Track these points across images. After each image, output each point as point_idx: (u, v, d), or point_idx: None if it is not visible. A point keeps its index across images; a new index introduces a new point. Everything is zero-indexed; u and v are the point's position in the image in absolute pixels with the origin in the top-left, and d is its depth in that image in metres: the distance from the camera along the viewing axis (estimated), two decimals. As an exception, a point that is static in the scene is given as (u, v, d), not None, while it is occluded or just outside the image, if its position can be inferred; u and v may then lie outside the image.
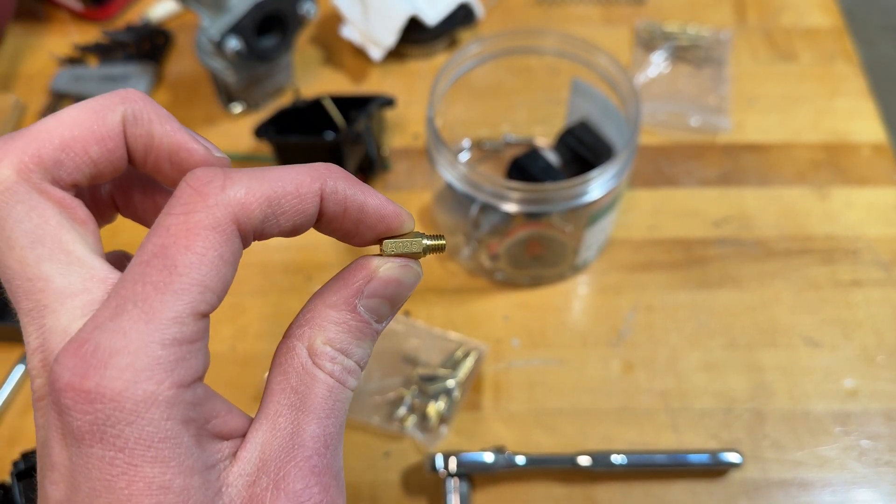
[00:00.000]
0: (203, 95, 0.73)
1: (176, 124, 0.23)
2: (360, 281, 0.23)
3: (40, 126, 0.21)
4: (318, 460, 0.21)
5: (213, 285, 0.19)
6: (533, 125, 0.68)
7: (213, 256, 0.19)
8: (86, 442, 0.18)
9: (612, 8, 0.79)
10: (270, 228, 0.21)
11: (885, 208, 0.63)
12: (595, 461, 0.50)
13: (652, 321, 0.58)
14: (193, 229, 0.19)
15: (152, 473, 0.18)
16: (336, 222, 0.22)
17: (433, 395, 0.53)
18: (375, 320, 0.23)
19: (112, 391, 0.18)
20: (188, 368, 0.19)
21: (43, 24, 0.80)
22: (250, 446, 0.21)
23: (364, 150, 0.63)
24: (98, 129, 0.21)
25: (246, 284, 0.60)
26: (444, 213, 0.60)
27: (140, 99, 0.22)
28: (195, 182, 0.20)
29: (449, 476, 0.49)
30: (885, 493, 0.50)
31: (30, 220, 0.20)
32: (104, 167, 0.22)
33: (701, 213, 0.63)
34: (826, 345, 0.56)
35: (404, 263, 0.24)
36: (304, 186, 0.21)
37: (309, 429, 0.21)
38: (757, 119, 0.70)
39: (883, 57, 1.65)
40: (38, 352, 0.20)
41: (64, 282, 0.20)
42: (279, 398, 0.21)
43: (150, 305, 0.19)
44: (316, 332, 0.22)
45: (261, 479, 0.20)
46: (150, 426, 0.18)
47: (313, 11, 0.67)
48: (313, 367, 0.22)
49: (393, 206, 0.23)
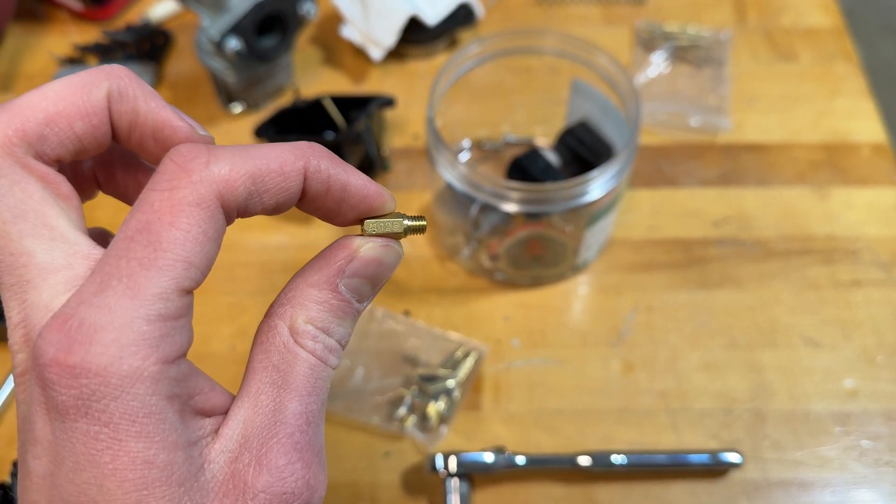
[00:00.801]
0: (203, 95, 0.73)
1: (161, 101, 0.23)
2: (341, 260, 0.23)
3: (24, 100, 0.21)
4: (300, 437, 0.21)
5: (197, 262, 0.19)
6: (533, 125, 0.68)
7: (198, 233, 0.19)
8: (70, 416, 0.18)
9: (612, 8, 0.79)
10: (254, 206, 0.21)
11: (885, 208, 0.63)
12: (595, 461, 0.50)
13: (652, 321, 0.58)
14: (178, 205, 0.19)
15: (136, 448, 0.18)
16: (319, 201, 0.22)
17: (433, 395, 0.53)
18: (357, 300, 0.23)
19: (97, 366, 0.18)
20: (173, 344, 0.19)
21: (43, 24, 0.80)
22: (232, 423, 0.21)
23: (364, 150, 0.63)
24: (83, 105, 0.21)
25: (246, 284, 0.60)
26: (444, 213, 0.60)
27: (125, 75, 0.22)
28: (179, 158, 0.20)
29: (449, 476, 0.49)
30: (886, 494, 0.50)
31: (12, 195, 0.20)
32: (88, 143, 0.22)
33: (701, 213, 0.63)
34: (826, 345, 0.56)
35: (385, 243, 0.24)
36: (288, 164, 0.21)
37: (291, 406, 0.21)
38: (757, 119, 0.70)
39: (883, 57, 1.65)
40: (20, 327, 0.20)
41: (47, 257, 0.20)
42: (261, 376, 0.22)
43: (134, 281, 0.19)
44: (297, 310, 0.22)
45: (243, 456, 0.20)
46: (134, 401, 0.18)
47: (313, 11, 0.67)
48: (295, 346, 0.22)
49: (375, 187, 0.23)
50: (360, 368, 0.55)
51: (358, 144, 0.62)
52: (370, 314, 0.58)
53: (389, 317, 0.58)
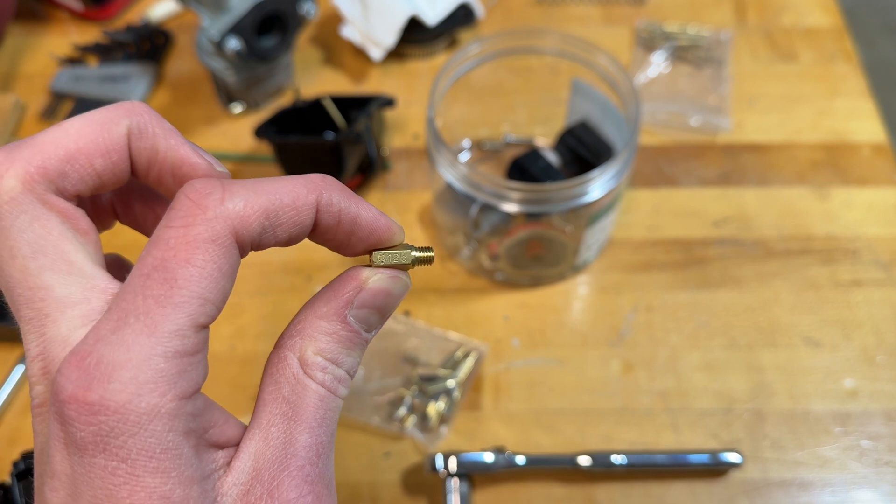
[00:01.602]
0: (203, 95, 0.73)
1: (180, 139, 0.23)
2: (350, 292, 0.23)
3: (46, 136, 0.21)
4: (310, 469, 0.21)
5: (212, 297, 0.20)
6: (533, 125, 0.68)
7: (213, 269, 0.20)
8: (89, 452, 0.18)
9: (612, 8, 0.79)
10: (267, 240, 0.21)
11: (884, 208, 0.63)
12: (595, 461, 0.50)
13: (652, 321, 0.58)
14: (193, 242, 0.19)
15: (154, 483, 0.19)
16: (330, 233, 0.23)
17: (433, 395, 0.53)
18: (365, 330, 0.23)
19: (116, 403, 0.18)
20: (189, 380, 0.19)
21: (43, 24, 0.80)
22: (244, 455, 0.21)
23: (364, 150, 0.63)
24: (103, 142, 0.22)
25: (246, 284, 0.60)
26: (444, 213, 0.60)
27: (145, 112, 0.22)
28: (194, 194, 0.20)
29: (449, 476, 0.49)
30: (886, 494, 0.50)
31: (33, 231, 0.21)
32: (108, 179, 0.22)
33: (701, 213, 0.63)
34: (826, 345, 0.56)
35: (394, 274, 0.24)
36: (301, 199, 0.21)
37: (301, 438, 0.21)
38: (757, 119, 0.70)
39: (883, 57, 1.65)
40: (39, 359, 0.20)
41: (64, 291, 0.20)
42: (271, 408, 0.22)
43: (151, 319, 0.19)
44: (307, 342, 0.22)
45: (255, 488, 0.21)
46: (152, 437, 0.19)
47: (313, 11, 0.67)
48: (304, 377, 0.22)
49: (385, 219, 0.23)
50: (361, 368, 0.55)
51: (358, 144, 0.62)
52: (370, 314, 0.58)
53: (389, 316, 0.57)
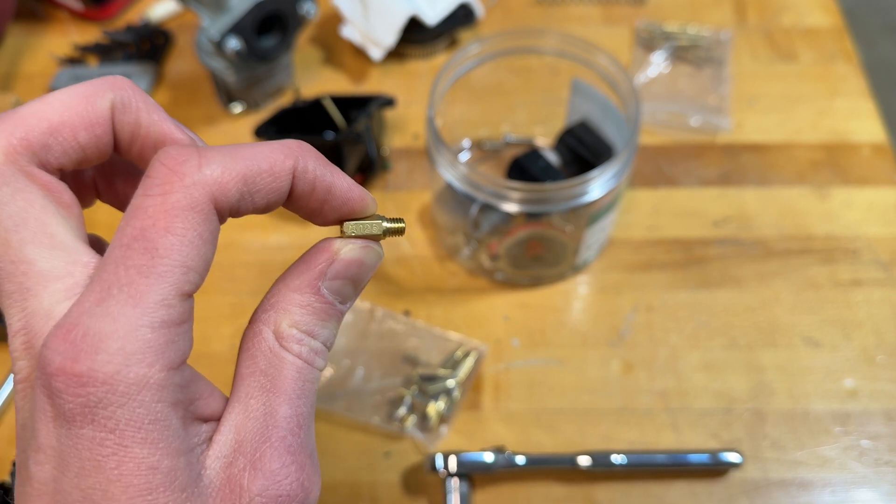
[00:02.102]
0: (203, 95, 0.73)
1: (163, 114, 0.23)
2: (322, 263, 0.23)
3: (29, 109, 0.21)
4: (292, 440, 0.21)
5: (194, 265, 0.20)
6: (533, 125, 0.68)
7: (193, 237, 0.19)
8: (77, 423, 0.18)
9: (612, 8, 0.79)
10: (245, 206, 0.21)
11: (884, 208, 0.63)
12: (595, 461, 0.50)
13: (652, 321, 0.58)
14: (172, 210, 0.19)
15: (142, 454, 0.19)
16: (303, 200, 0.23)
17: (433, 395, 0.53)
18: (339, 301, 0.23)
19: (104, 374, 0.18)
20: (177, 351, 0.19)
21: (43, 24, 0.80)
22: (225, 429, 0.21)
23: (364, 150, 0.63)
24: (87, 115, 0.21)
25: (246, 284, 0.60)
26: (444, 213, 0.60)
27: (129, 87, 0.22)
28: (170, 161, 0.20)
29: (449, 476, 0.49)
30: (886, 494, 0.50)
31: (14, 203, 0.20)
32: (91, 152, 0.22)
33: (701, 213, 0.63)
34: (826, 345, 0.56)
35: (365, 244, 0.24)
36: (278, 164, 0.21)
37: (281, 410, 0.21)
38: (757, 119, 0.70)
39: (883, 57, 1.65)
40: (21, 334, 0.20)
41: (47, 265, 0.20)
42: (249, 381, 0.22)
43: (135, 289, 0.19)
44: (281, 315, 0.22)
45: (237, 460, 0.21)
46: (140, 408, 0.18)
47: (313, 11, 0.67)
48: (281, 350, 0.22)
49: (359, 190, 0.23)
50: (360, 368, 0.55)
51: (358, 144, 0.62)
52: (370, 314, 0.58)
53: (389, 317, 0.58)
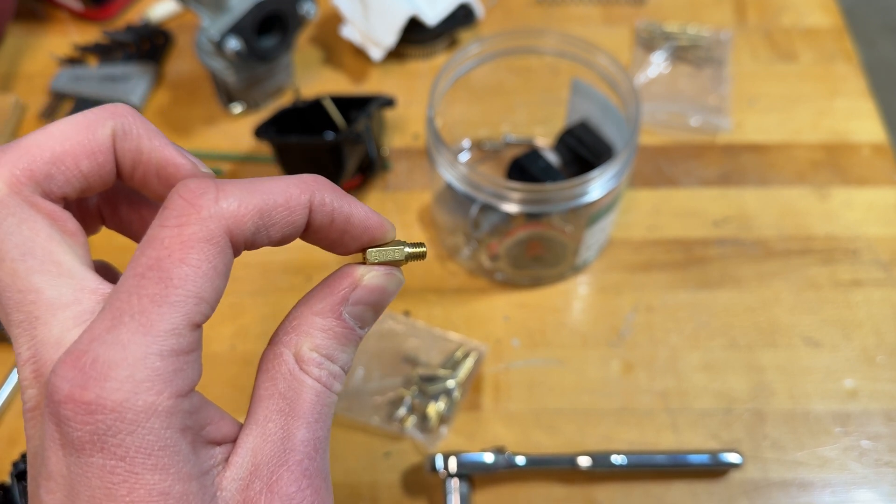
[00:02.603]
0: (203, 95, 0.73)
1: (164, 140, 0.23)
2: (345, 289, 0.23)
3: (31, 139, 0.22)
4: (308, 464, 0.21)
5: (207, 296, 0.20)
6: (533, 125, 0.68)
7: (208, 268, 0.20)
8: (86, 451, 0.18)
9: (612, 8, 0.79)
10: (261, 239, 0.21)
11: (885, 208, 0.63)
12: (595, 461, 0.50)
13: (652, 321, 0.58)
14: (188, 242, 0.19)
15: (153, 480, 0.19)
16: (323, 232, 0.23)
17: (433, 396, 0.53)
18: (359, 326, 0.24)
19: (113, 402, 0.18)
20: (185, 378, 0.19)
21: (43, 24, 0.80)
22: (242, 451, 0.21)
23: (364, 151, 0.63)
24: (88, 144, 0.22)
25: (246, 284, 0.60)
26: (444, 213, 0.60)
27: (129, 114, 0.23)
28: (188, 194, 0.20)
29: (449, 476, 0.49)
30: (886, 494, 0.50)
31: (20, 233, 0.21)
32: (94, 181, 0.22)
33: (701, 213, 0.63)
34: (826, 345, 0.56)
35: (388, 271, 0.24)
36: (294, 199, 0.21)
37: (299, 434, 0.22)
38: (757, 119, 0.70)
39: (883, 57, 1.65)
40: (30, 363, 0.20)
41: (55, 293, 0.20)
42: (267, 403, 0.22)
43: (146, 318, 0.19)
44: (302, 338, 0.22)
45: (254, 483, 0.21)
46: (150, 435, 0.19)
47: (313, 11, 0.67)
48: (301, 373, 0.22)
49: (377, 217, 0.24)
50: (360, 368, 0.55)
51: (358, 144, 0.62)
52: (370, 314, 0.58)
53: (389, 317, 0.57)
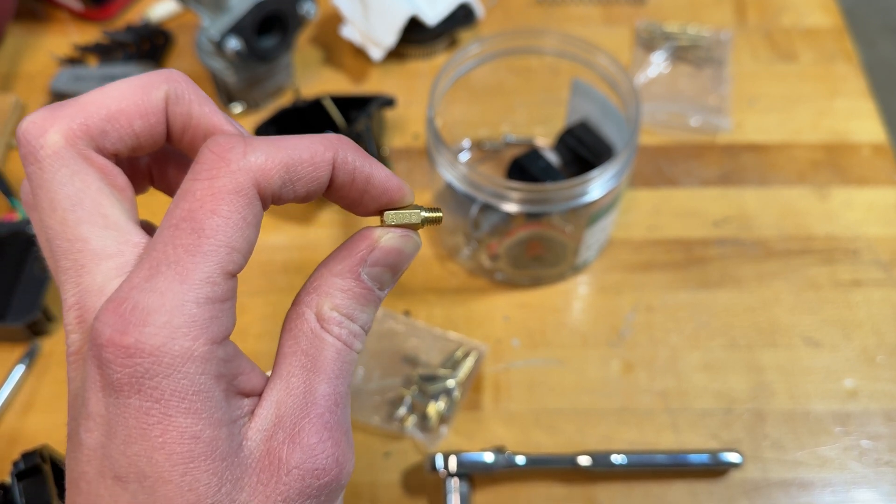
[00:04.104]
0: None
1: (213, 107, 0.24)
2: (363, 250, 0.24)
3: (89, 97, 0.23)
4: (329, 417, 0.22)
5: (238, 246, 0.21)
6: (533, 125, 0.68)
7: (238, 219, 0.20)
8: (124, 393, 0.19)
9: (612, 8, 0.79)
10: (287, 194, 0.22)
11: (885, 208, 0.63)
12: (595, 461, 0.50)
13: (652, 321, 0.58)
14: (218, 194, 0.20)
15: (185, 423, 0.19)
16: (344, 190, 0.24)
17: (433, 395, 0.53)
18: (378, 287, 0.24)
19: (151, 346, 0.19)
20: (220, 326, 0.20)
21: (43, 24, 0.80)
22: (266, 404, 0.22)
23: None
24: (142, 104, 0.23)
25: (246, 284, 0.60)
26: (444, 213, 0.60)
27: (182, 80, 0.24)
28: (217, 148, 0.21)
29: (449, 476, 0.49)
30: (886, 494, 0.50)
31: (72, 184, 0.22)
32: (145, 140, 0.23)
33: (701, 213, 0.63)
34: (826, 345, 0.56)
35: (405, 233, 0.25)
36: (319, 155, 0.22)
37: (321, 388, 0.22)
38: (757, 119, 0.70)
39: (883, 57, 1.65)
40: (75, 308, 0.21)
41: (100, 244, 0.21)
42: (291, 360, 0.23)
43: (182, 267, 0.20)
44: (323, 298, 0.23)
45: (277, 434, 0.22)
46: (185, 379, 0.19)
47: (313, 11, 0.67)
48: (322, 332, 0.23)
49: (396, 180, 0.25)
50: (360, 368, 0.55)
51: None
52: (370, 314, 0.58)
53: (389, 317, 0.58)
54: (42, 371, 0.56)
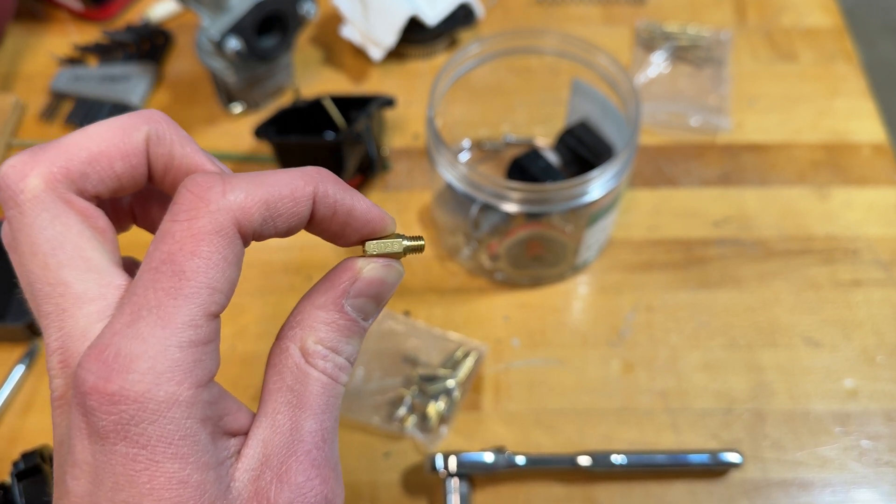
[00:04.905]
0: (203, 95, 0.73)
1: (195, 146, 0.24)
2: (345, 282, 0.24)
3: (70, 139, 0.23)
4: (317, 454, 0.22)
5: (220, 286, 0.20)
6: (533, 125, 0.68)
7: (218, 259, 0.20)
8: (110, 440, 0.19)
9: (612, 8, 0.79)
10: (268, 230, 0.22)
11: (885, 208, 0.63)
12: (595, 461, 0.50)
13: (652, 321, 0.58)
14: (198, 235, 0.20)
15: (172, 469, 0.19)
16: (325, 224, 0.23)
17: (433, 396, 0.53)
18: (362, 318, 0.24)
19: (135, 393, 0.19)
20: (204, 369, 0.20)
21: (43, 24, 0.80)
22: (253, 443, 0.22)
23: (364, 150, 0.63)
24: (123, 146, 0.23)
25: (246, 284, 0.60)
26: (444, 213, 0.60)
27: (163, 120, 0.24)
28: (196, 188, 0.21)
29: (449, 476, 0.49)
30: (885, 494, 0.50)
31: (53, 228, 0.22)
32: (126, 182, 0.23)
33: (701, 213, 0.63)
34: (826, 345, 0.56)
35: (387, 263, 0.25)
36: (299, 190, 0.22)
37: (307, 425, 0.22)
38: (757, 119, 0.70)
39: (883, 57, 1.65)
40: (58, 353, 0.21)
41: (82, 287, 0.21)
42: (276, 397, 0.23)
43: (164, 311, 0.20)
44: (307, 332, 0.23)
45: (265, 474, 0.21)
46: (171, 425, 0.19)
47: (313, 11, 0.67)
48: (307, 366, 0.23)
49: (378, 211, 0.24)
50: (360, 368, 0.55)
51: (358, 144, 0.62)
52: (370, 314, 0.58)
53: (389, 317, 0.58)
54: (42, 371, 0.56)
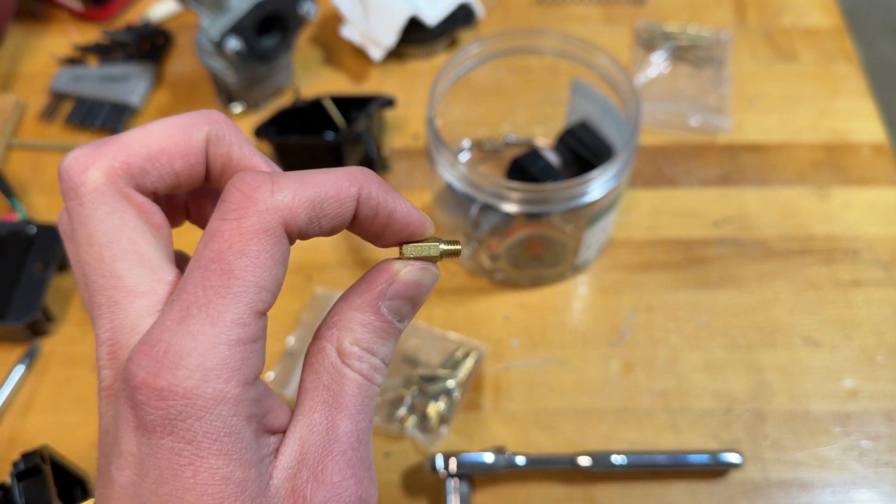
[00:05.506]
0: (203, 95, 0.73)
1: (252, 148, 0.24)
2: (382, 284, 0.24)
3: (132, 135, 0.23)
4: (352, 454, 0.22)
5: (267, 285, 0.21)
6: (533, 125, 0.68)
7: (266, 258, 0.21)
8: (157, 434, 0.19)
9: (612, 8, 0.79)
10: (313, 230, 0.22)
11: (885, 208, 0.63)
12: (595, 461, 0.50)
13: (652, 321, 0.58)
14: (246, 234, 0.20)
15: (216, 465, 0.20)
16: (367, 224, 0.24)
17: (433, 396, 0.53)
18: (398, 320, 0.25)
19: (184, 389, 0.19)
20: (251, 367, 0.21)
21: (43, 24, 0.80)
22: (290, 441, 0.22)
23: (364, 151, 0.63)
24: (184, 145, 0.23)
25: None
26: (444, 213, 0.60)
27: (224, 121, 0.24)
28: (245, 187, 0.21)
29: (449, 476, 0.49)
30: (885, 494, 0.50)
31: (110, 221, 0.22)
32: (184, 179, 0.24)
33: (701, 213, 0.63)
34: (826, 345, 0.56)
35: (423, 266, 0.25)
36: (344, 191, 0.22)
37: (343, 424, 0.23)
38: (757, 119, 0.70)
39: (883, 57, 1.65)
40: (108, 344, 0.22)
41: (134, 281, 0.22)
42: (313, 396, 0.23)
43: (213, 309, 0.20)
44: (343, 333, 0.23)
45: (301, 472, 0.22)
46: (217, 421, 0.20)
47: (313, 11, 0.67)
48: (343, 367, 0.23)
49: (418, 214, 0.25)
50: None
51: (358, 144, 0.62)
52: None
53: (389, 317, 0.57)
54: (42, 371, 0.56)
